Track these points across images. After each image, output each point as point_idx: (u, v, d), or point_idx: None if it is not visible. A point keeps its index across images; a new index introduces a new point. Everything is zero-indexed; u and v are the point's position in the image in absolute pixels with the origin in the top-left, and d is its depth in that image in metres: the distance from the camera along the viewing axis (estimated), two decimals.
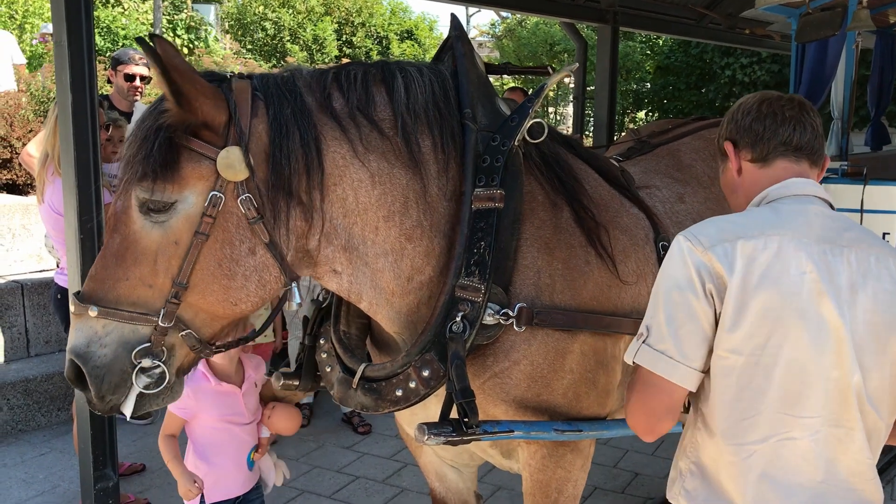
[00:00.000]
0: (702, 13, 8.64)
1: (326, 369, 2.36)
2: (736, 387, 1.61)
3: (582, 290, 2.23)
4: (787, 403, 1.59)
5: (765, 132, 1.77)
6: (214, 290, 1.96)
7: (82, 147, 3.44)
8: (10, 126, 7.34)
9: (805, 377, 1.58)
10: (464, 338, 2.05)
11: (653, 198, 2.72)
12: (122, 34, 11.59)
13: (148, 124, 1.95)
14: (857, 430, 1.61)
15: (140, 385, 1.97)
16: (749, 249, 1.59)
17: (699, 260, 1.61)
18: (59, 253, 4.24)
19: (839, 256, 1.62)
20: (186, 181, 1.92)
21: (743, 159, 1.82)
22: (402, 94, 2.12)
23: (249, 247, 1.97)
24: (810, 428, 1.60)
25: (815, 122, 1.78)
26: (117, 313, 1.93)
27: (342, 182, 2.04)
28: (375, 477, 4.56)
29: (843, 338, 1.58)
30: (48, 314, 5.61)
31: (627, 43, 16.20)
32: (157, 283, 1.93)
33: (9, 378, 5.17)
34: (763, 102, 1.80)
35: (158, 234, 1.93)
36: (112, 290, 1.93)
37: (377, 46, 18.30)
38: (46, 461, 4.76)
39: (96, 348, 1.93)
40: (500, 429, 2.09)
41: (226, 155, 1.91)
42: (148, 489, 4.39)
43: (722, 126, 1.88)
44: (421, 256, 2.13)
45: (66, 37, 3.36)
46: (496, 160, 2.15)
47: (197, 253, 1.92)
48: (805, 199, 1.70)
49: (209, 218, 1.92)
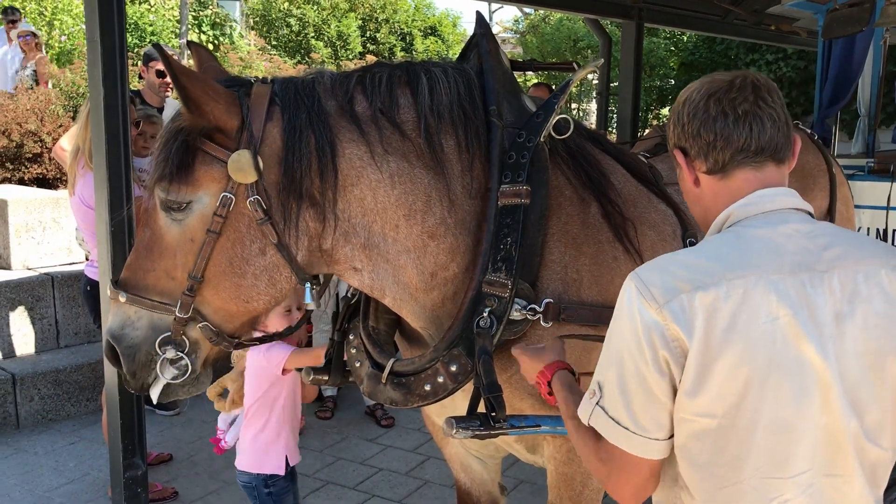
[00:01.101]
0: (727, 9, 8.56)
1: (356, 364, 2.40)
2: (711, 451, 1.41)
3: (609, 286, 2.24)
4: (775, 466, 1.41)
5: (716, 140, 1.50)
6: (227, 286, 2.05)
7: (113, 141, 3.51)
8: (40, 121, 7.46)
9: (791, 434, 1.39)
10: (491, 333, 2.07)
11: (680, 195, 2.72)
12: (150, 31, 11.71)
13: (169, 127, 2.07)
14: (856, 476, 1.43)
15: (168, 376, 2.10)
16: (709, 300, 1.37)
17: (652, 320, 1.39)
18: (88, 245, 4.32)
19: (819, 287, 1.40)
20: (200, 182, 2.01)
21: (699, 171, 1.55)
22: (426, 96, 2.15)
23: (260, 247, 2.04)
24: (802, 484, 1.41)
25: (774, 108, 1.50)
26: (143, 301, 2.07)
27: (360, 183, 2.08)
28: (399, 469, 4.60)
29: (830, 381, 1.38)
30: (78, 306, 5.70)
31: (651, 39, 16.11)
32: (178, 276, 2.06)
33: (39, 368, 5.27)
34: (710, 99, 1.51)
35: (177, 231, 2.04)
36: (142, 279, 2.08)
37: (401, 43, 18.33)
38: (76, 450, 4.85)
39: (129, 330, 2.09)
40: (527, 423, 2.11)
41: (236, 158, 1.97)
42: (175, 479, 4.46)
43: (671, 125, 1.60)
44: (445, 253, 2.16)
45: (98, 33, 3.43)
46: (522, 156, 2.16)
47: (210, 250, 2.02)
48: (774, 218, 1.47)
49: (219, 217, 2.00)
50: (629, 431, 1.44)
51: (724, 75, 1.55)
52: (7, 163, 7.41)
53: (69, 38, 10.57)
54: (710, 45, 15.19)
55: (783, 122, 1.51)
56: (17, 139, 7.27)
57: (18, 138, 7.28)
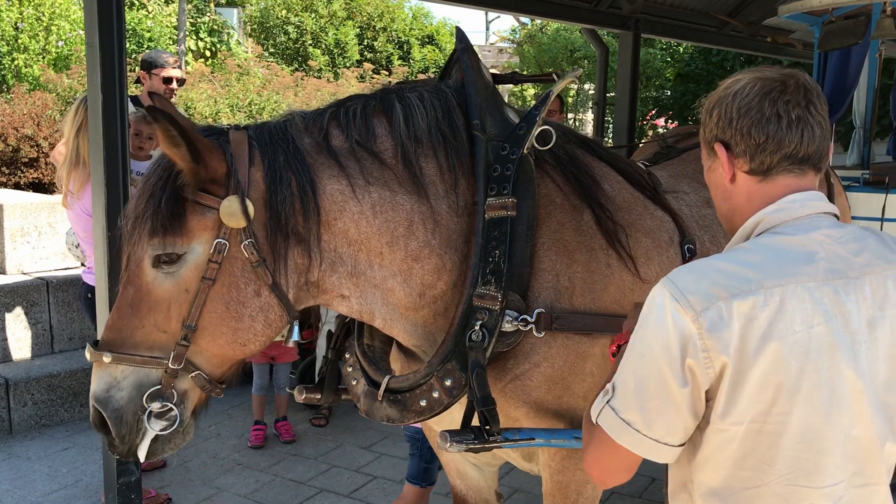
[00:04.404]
0: (724, 21, 8.62)
1: (352, 382, 2.40)
2: (737, 454, 1.41)
3: (603, 294, 2.24)
4: (802, 474, 1.40)
5: (767, 143, 1.46)
6: (224, 331, 2.04)
7: (111, 146, 3.52)
8: (37, 126, 7.47)
9: (821, 443, 1.39)
10: (483, 346, 2.08)
11: (679, 201, 2.72)
12: (148, 37, 11.72)
13: (153, 182, 2.03)
14: (882, 484, 1.45)
15: (156, 428, 2.05)
16: (746, 308, 1.35)
17: (687, 328, 1.36)
18: (87, 253, 4.31)
19: (852, 293, 1.40)
20: (193, 232, 2.01)
21: (738, 168, 1.51)
22: (401, 123, 2.18)
23: (255, 289, 2.05)
24: (834, 495, 1.41)
25: (822, 115, 1.48)
26: (132, 358, 2.01)
27: (342, 216, 2.10)
28: (393, 477, 4.58)
29: (861, 391, 1.39)
30: (73, 311, 5.69)
31: (648, 50, 16.16)
32: (171, 328, 2.02)
33: (33, 373, 5.26)
34: (765, 98, 1.46)
35: (170, 284, 2.01)
36: (129, 337, 2.02)
37: (398, 51, 18.37)
38: (69, 455, 4.83)
39: (114, 392, 2.03)
40: (522, 436, 2.12)
41: (228, 204, 1.98)
42: (169, 485, 4.44)
43: (710, 116, 1.54)
44: (431, 273, 2.17)
45: (97, 38, 3.44)
46: (507, 169, 2.17)
47: (205, 297, 2.00)
48: (806, 224, 1.46)
49: (214, 264, 2.00)
50: (641, 434, 1.42)
51: (772, 72, 1.50)
52: (3, 167, 7.41)
53: (66, 43, 10.56)
54: (706, 56, 15.26)
55: (827, 131, 1.49)
56: (13, 143, 7.28)
57: (15, 143, 7.28)
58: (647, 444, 1.43)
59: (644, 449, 1.44)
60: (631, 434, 1.43)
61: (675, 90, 16.34)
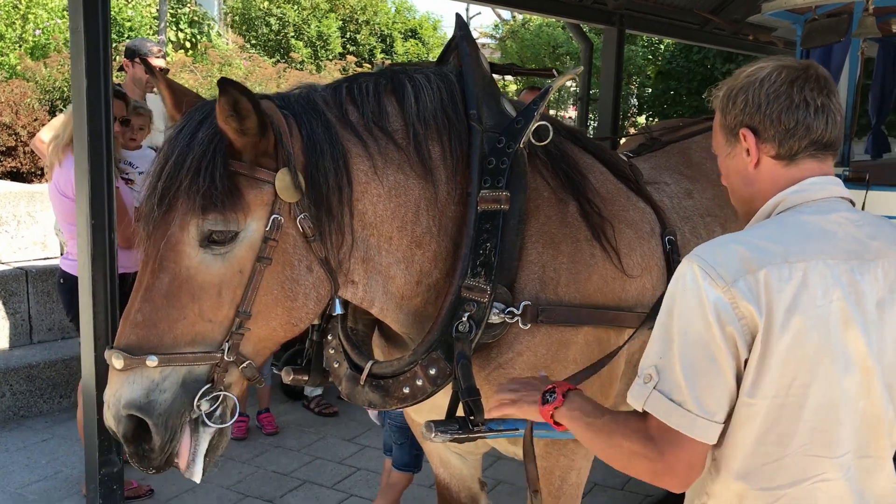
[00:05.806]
0: (706, 18, 8.68)
1: (334, 365, 2.39)
2: (759, 430, 1.44)
3: (587, 284, 2.27)
4: (821, 445, 1.45)
5: (797, 128, 1.51)
6: (278, 313, 1.95)
7: (95, 133, 3.48)
8: (15, 114, 7.37)
9: (836, 415, 1.44)
10: (470, 337, 2.09)
11: (660, 193, 2.75)
12: (128, 26, 11.60)
13: (196, 156, 1.85)
14: (887, 459, 1.50)
15: (209, 432, 1.90)
16: (773, 280, 1.39)
17: (719, 299, 1.39)
18: (65, 236, 4.26)
19: (867, 273, 1.46)
20: (251, 208, 1.88)
21: (764, 153, 1.55)
22: (412, 104, 2.15)
23: (307, 265, 1.97)
24: (844, 466, 1.46)
25: (840, 104, 1.55)
26: (183, 357, 1.83)
27: (363, 198, 2.06)
28: (376, 469, 4.56)
29: (872, 366, 1.45)
30: (52, 301, 5.62)
31: (630, 47, 16.24)
32: (219, 316, 1.86)
33: (12, 364, 5.19)
34: (793, 85, 1.51)
35: (220, 266, 1.86)
36: (168, 332, 1.83)
37: (381, 45, 18.31)
38: (48, 447, 4.78)
39: (156, 395, 1.82)
40: (506, 426, 2.13)
41: (282, 177, 1.89)
42: (150, 476, 4.40)
43: (732, 103, 1.58)
44: (429, 261, 2.18)
45: (82, 24, 3.40)
46: (502, 162, 2.17)
47: (260, 279, 1.89)
48: (825, 206, 1.52)
49: (273, 241, 1.89)
50: (693, 414, 1.41)
51: (792, 61, 1.57)
52: None
53: (44, 32, 10.42)
54: (686, 54, 15.38)
55: (843, 118, 1.56)
56: None
57: None
58: (701, 424, 1.42)
59: (698, 430, 1.42)
60: (683, 415, 1.42)
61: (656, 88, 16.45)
